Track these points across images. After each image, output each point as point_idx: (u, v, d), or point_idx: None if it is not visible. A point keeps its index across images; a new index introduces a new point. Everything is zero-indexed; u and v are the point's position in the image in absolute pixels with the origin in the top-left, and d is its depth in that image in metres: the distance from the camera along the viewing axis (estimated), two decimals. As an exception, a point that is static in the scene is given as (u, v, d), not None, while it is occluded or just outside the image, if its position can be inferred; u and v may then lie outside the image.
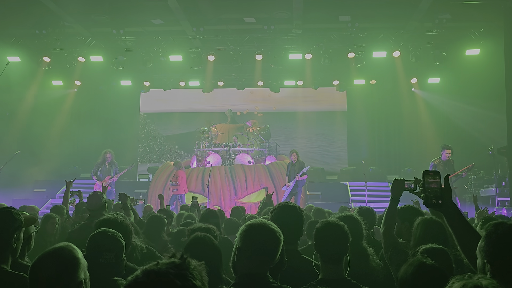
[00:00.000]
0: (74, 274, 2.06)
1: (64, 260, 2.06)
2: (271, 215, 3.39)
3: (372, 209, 4.94)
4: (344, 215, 3.75)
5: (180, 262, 1.36)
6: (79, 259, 2.12)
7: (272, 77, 16.16)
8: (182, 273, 1.32)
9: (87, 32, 13.80)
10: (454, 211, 2.35)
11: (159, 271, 1.31)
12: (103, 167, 12.31)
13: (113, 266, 2.69)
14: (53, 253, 2.09)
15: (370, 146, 17.01)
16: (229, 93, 17.45)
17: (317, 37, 13.55)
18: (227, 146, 14.29)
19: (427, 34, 13.14)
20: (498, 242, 2.02)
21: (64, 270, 2.03)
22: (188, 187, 12.81)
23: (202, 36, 13.46)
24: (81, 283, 2.08)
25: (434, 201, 2.34)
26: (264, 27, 13.02)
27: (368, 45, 13.44)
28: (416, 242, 3.18)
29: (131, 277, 1.34)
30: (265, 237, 2.44)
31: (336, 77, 16.43)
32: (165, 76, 16.04)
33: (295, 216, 3.34)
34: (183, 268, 1.34)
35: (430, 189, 2.36)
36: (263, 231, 2.46)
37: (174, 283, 1.29)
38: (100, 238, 2.75)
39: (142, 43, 13.90)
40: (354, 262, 2.91)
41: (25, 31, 13.55)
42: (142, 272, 1.33)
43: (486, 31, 12.96)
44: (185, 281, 1.30)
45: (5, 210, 2.69)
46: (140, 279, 1.31)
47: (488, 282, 1.53)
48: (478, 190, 12.83)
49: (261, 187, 12.88)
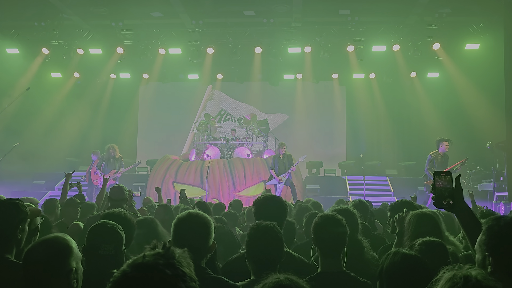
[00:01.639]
0: (65, 261, 2.11)
1: (57, 247, 2.13)
2: (254, 206, 3.43)
3: (367, 202, 4.98)
4: (340, 208, 3.76)
5: (165, 252, 1.36)
6: (72, 248, 2.17)
7: (271, 70, 16.14)
8: (170, 262, 1.32)
9: (86, 24, 13.76)
10: (466, 211, 2.35)
11: (148, 264, 1.31)
12: (108, 162, 12.33)
13: (112, 258, 2.70)
14: (48, 241, 2.16)
15: (368, 140, 17.01)
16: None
17: (317, 31, 13.53)
18: (225, 140, 14.30)
19: (427, 28, 13.13)
20: (500, 235, 2.03)
21: (55, 256, 2.09)
22: (187, 180, 12.83)
23: (201, 29, 13.44)
24: (71, 271, 2.12)
25: (445, 202, 2.32)
26: (263, 20, 12.99)
27: (367, 39, 13.43)
28: (409, 236, 3.19)
29: (119, 272, 1.33)
30: (191, 225, 2.53)
31: (335, 71, 16.42)
32: (164, 69, 16.01)
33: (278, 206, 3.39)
34: (170, 257, 1.34)
35: (441, 189, 2.35)
36: (189, 220, 2.55)
37: (165, 273, 1.29)
38: (99, 230, 2.77)
39: (141, 36, 13.86)
40: (349, 254, 2.93)
41: (23, 23, 13.51)
42: (129, 266, 1.32)
43: (486, 25, 12.94)
44: (174, 270, 1.31)
45: (11, 202, 2.76)
46: (130, 273, 1.30)
47: (477, 272, 1.56)
48: (476, 184, 12.86)
49: (259, 180, 12.88)
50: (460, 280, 1.53)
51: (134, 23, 13.61)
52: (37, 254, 2.09)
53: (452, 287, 1.53)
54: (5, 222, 2.64)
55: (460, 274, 1.56)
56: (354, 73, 15.90)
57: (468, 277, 1.53)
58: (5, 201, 2.78)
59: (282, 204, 3.44)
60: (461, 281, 1.53)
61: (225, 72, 16.74)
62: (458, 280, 1.54)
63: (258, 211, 3.35)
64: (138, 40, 13.89)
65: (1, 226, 2.63)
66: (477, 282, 1.51)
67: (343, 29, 13.32)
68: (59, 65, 15.19)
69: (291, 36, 13.58)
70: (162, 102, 17.78)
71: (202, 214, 2.63)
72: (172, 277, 1.29)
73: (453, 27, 13.18)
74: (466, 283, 1.51)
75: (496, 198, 11.45)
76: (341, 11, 12.82)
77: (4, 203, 2.75)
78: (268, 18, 12.92)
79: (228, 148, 14.16)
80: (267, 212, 3.26)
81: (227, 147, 14.16)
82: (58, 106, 16.44)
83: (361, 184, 12.82)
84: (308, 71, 15.79)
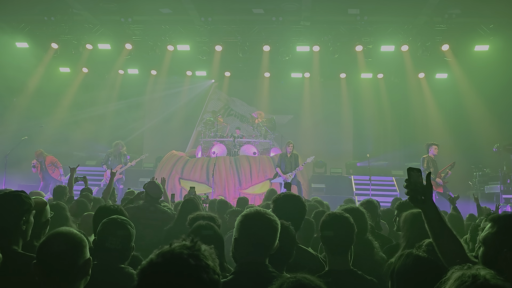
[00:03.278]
0: (82, 251, 2.16)
1: (73, 239, 2.17)
2: (273, 204, 3.42)
3: (376, 202, 4.96)
4: (349, 207, 3.77)
5: (192, 245, 1.45)
6: (85, 239, 2.23)
7: (279, 68, 16.13)
8: (195, 254, 1.42)
9: (95, 20, 13.81)
10: (434, 209, 2.37)
11: (173, 252, 1.41)
12: (115, 157, 12.42)
13: (119, 252, 2.73)
14: (62, 233, 2.19)
15: (375, 140, 16.97)
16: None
17: (325, 30, 13.50)
18: (232, 137, 14.31)
19: (436, 29, 13.06)
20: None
21: (73, 247, 2.14)
22: (193, 177, 12.86)
23: (210, 26, 13.46)
24: (89, 260, 2.18)
25: (419, 197, 2.36)
26: (272, 18, 12.98)
27: (376, 39, 13.38)
28: (405, 234, 3.19)
29: (146, 260, 1.42)
30: (260, 225, 2.49)
31: (343, 70, 16.38)
32: (172, 65, 16.04)
33: (298, 206, 3.38)
34: (196, 250, 1.43)
35: (416, 184, 2.39)
36: (258, 219, 2.51)
37: (188, 262, 1.38)
38: (109, 223, 2.80)
39: (150, 32, 13.89)
40: (358, 253, 2.93)
41: (33, 17, 13.58)
42: (156, 254, 1.42)
43: (496, 27, 12.85)
44: (198, 261, 1.40)
45: (14, 193, 2.78)
46: (155, 260, 1.40)
47: (486, 272, 1.57)
48: (482, 187, 12.82)
49: (265, 178, 12.88)
50: (469, 279, 1.54)
51: (143, 19, 13.64)
52: (57, 246, 2.11)
53: (461, 286, 1.54)
54: (8, 213, 2.65)
55: (469, 273, 1.57)
56: (362, 73, 15.87)
57: (477, 276, 1.54)
58: (8, 193, 2.80)
59: (301, 203, 3.43)
60: (470, 279, 1.54)
61: (233, 70, 16.74)
62: (467, 279, 1.55)
63: (276, 209, 3.33)
64: (147, 36, 13.92)
65: (4, 217, 2.64)
66: (485, 281, 1.52)
67: (352, 29, 13.28)
68: (68, 60, 15.26)
69: (300, 34, 13.56)
70: (169, 98, 17.82)
71: (270, 214, 2.60)
72: (195, 266, 1.38)
73: (462, 28, 13.10)
74: (475, 282, 1.52)
75: (503, 200, 11.41)
76: (350, 10, 12.78)
77: (6, 195, 2.76)
78: (277, 16, 12.91)
79: (235, 145, 14.18)
80: (286, 210, 3.25)
81: (233, 144, 14.17)
82: (66, 101, 16.54)
83: (367, 184, 12.79)
84: (316, 70, 15.77)
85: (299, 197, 3.53)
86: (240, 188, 12.75)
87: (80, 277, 2.13)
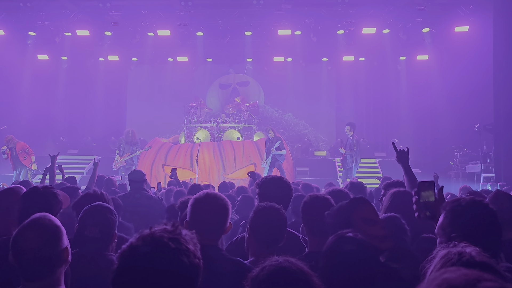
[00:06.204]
0: (58, 242, 2.08)
1: (47, 230, 2.07)
2: (259, 188, 3.40)
3: (363, 183, 5.00)
4: (334, 189, 3.78)
5: (172, 229, 1.45)
6: (60, 226, 2.13)
7: (261, 53, 16.05)
8: (175, 237, 1.42)
9: (72, 5, 13.52)
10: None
11: (154, 236, 1.41)
12: (125, 144, 12.21)
13: (99, 240, 2.69)
14: (34, 224, 2.08)
15: (358, 123, 17.03)
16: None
17: (307, 13, 13.44)
18: (215, 122, 14.26)
19: (416, 10, 13.10)
20: (464, 213, 2.05)
21: (48, 239, 2.04)
22: (177, 163, 12.80)
23: (191, 10, 13.27)
24: (66, 249, 2.10)
25: (428, 214, 2.32)
26: (253, 1, 12.85)
27: (357, 22, 13.37)
28: (384, 211, 3.23)
29: (126, 244, 1.42)
30: (209, 207, 2.47)
31: (325, 54, 16.37)
32: (153, 51, 15.84)
33: (283, 187, 3.37)
34: (176, 234, 1.44)
35: (425, 202, 2.34)
36: (208, 201, 2.50)
37: (168, 245, 1.39)
38: (88, 211, 2.75)
39: (129, 17, 13.67)
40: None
41: (9, 3, 13.23)
42: (137, 238, 1.42)
43: (475, 8, 12.95)
44: (178, 244, 1.41)
45: (50, 191, 2.88)
46: (135, 243, 1.41)
47: (472, 249, 1.59)
48: (463, 166, 13.01)
49: (249, 163, 12.90)
50: (455, 256, 1.56)
51: (122, 4, 13.40)
52: (30, 241, 2.01)
53: (447, 263, 1.56)
54: (50, 213, 2.52)
55: (455, 250, 1.59)
56: (344, 56, 15.88)
57: (462, 253, 1.56)
58: (45, 191, 2.86)
59: (287, 185, 3.41)
60: (456, 257, 1.56)
61: (215, 55, 16.61)
62: (453, 256, 1.57)
63: (262, 192, 3.31)
64: (126, 21, 13.70)
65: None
66: (471, 258, 1.55)
67: (333, 11, 13.24)
68: (46, 47, 14.95)
69: (281, 18, 13.49)
70: (151, 85, 17.64)
71: (220, 195, 2.59)
72: (175, 250, 1.39)
73: (442, 9, 13.17)
74: (460, 259, 1.54)
75: (483, 179, 11.60)
76: (331, -8, 12.73)
77: (45, 193, 2.84)
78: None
79: (218, 131, 14.14)
80: (272, 193, 3.22)
81: (217, 129, 14.13)
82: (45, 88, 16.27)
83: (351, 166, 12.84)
84: (298, 54, 15.73)
85: (284, 179, 3.49)
86: (224, 173, 12.75)
87: (59, 265, 2.06)
